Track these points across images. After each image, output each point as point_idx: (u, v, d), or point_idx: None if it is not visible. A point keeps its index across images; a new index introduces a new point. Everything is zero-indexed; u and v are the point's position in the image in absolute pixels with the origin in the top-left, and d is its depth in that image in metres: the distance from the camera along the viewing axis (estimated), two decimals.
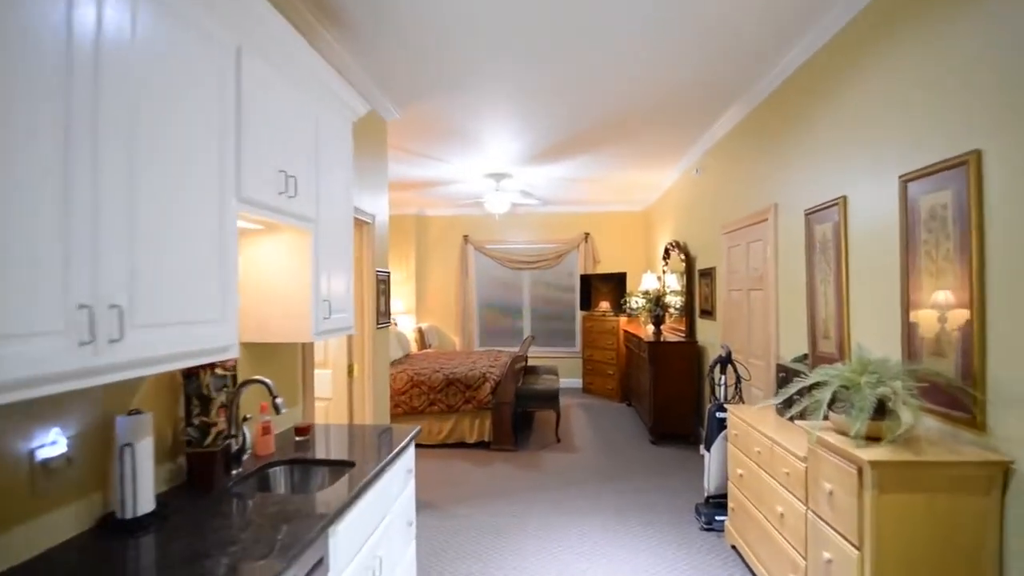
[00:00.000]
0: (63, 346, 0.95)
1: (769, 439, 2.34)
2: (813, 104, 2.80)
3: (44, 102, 0.93)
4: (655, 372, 4.90)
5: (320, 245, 2.06)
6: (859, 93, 2.38)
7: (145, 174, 1.17)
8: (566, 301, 7.96)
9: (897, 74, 2.12)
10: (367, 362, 3.43)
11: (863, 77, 2.34)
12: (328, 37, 2.76)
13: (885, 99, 2.19)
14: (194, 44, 1.35)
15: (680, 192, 5.69)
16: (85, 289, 1.00)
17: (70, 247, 0.97)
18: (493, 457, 4.55)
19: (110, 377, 1.08)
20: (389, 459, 1.96)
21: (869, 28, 2.30)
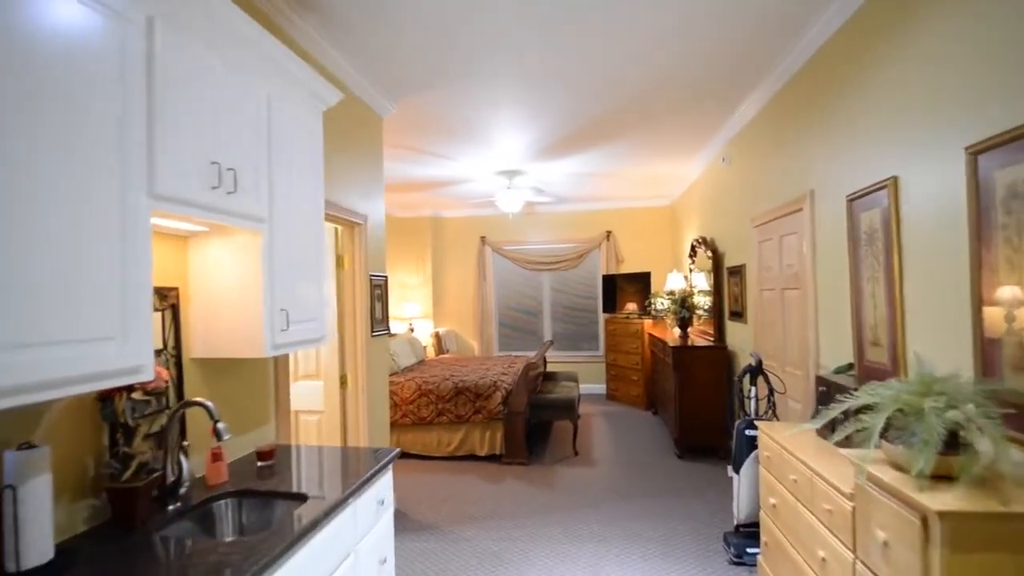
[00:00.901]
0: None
1: (808, 467, 1.96)
2: (853, 72, 2.39)
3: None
4: (680, 379, 4.50)
5: (275, 248, 1.83)
6: (910, 54, 1.98)
7: (5, 170, 0.97)
8: (588, 303, 7.60)
9: (960, 25, 1.72)
10: (360, 373, 3.21)
11: (916, 34, 1.95)
12: (304, 26, 2.55)
13: (945, 57, 1.79)
14: (82, 15, 1.13)
15: (706, 184, 5.27)
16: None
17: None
18: (504, 472, 4.26)
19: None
20: (350, 492, 1.70)
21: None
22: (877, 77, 2.22)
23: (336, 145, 2.98)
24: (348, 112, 3.11)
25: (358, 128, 3.25)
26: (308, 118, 2.08)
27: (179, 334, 1.78)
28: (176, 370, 1.76)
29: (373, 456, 2.05)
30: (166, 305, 1.73)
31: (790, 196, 3.13)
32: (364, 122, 3.33)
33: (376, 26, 2.60)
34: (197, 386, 1.86)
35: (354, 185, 3.18)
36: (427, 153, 4.78)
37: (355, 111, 3.21)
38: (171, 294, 1.75)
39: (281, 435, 2.34)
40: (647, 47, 2.84)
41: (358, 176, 3.23)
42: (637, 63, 3.04)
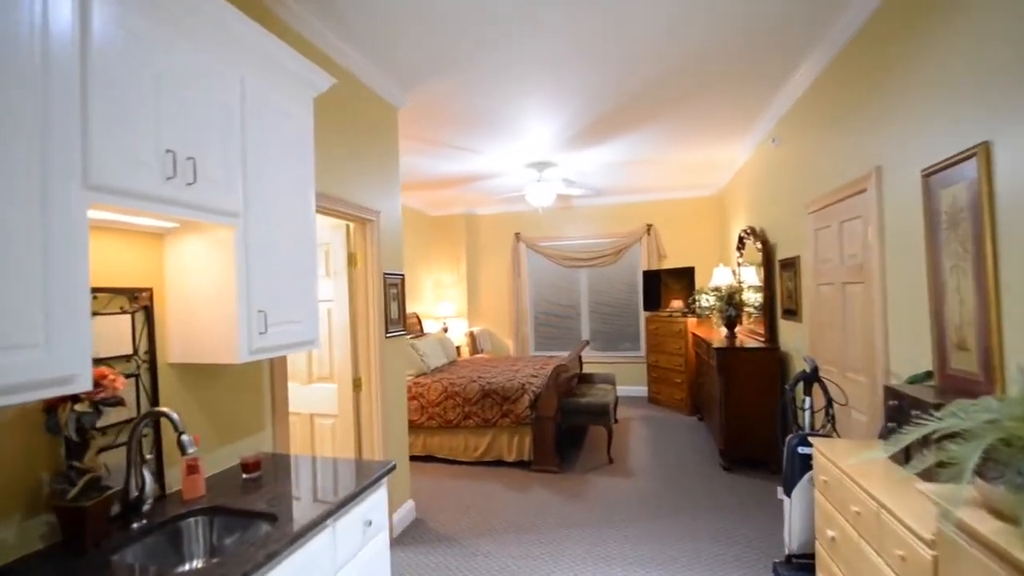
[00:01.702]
0: None
1: (874, 500, 1.61)
2: (929, 24, 1.98)
3: None
4: (726, 384, 4.10)
5: (251, 245, 1.68)
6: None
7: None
8: (628, 301, 7.21)
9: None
10: (374, 375, 3.06)
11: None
12: (303, 13, 2.42)
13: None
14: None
15: (755, 169, 4.80)
16: None
17: None
18: (531, 480, 4.02)
19: None
20: (328, 512, 1.52)
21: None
22: (960, 25, 1.81)
23: (345, 138, 2.84)
24: (357, 103, 2.97)
25: (369, 120, 3.10)
26: (294, 105, 1.93)
27: (153, 338, 1.67)
28: (150, 376, 1.65)
29: (369, 470, 1.87)
30: (137, 307, 1.62)
31: (851, 176, 2.70)
32: (376, 114, 3.18)
33: (379, 8, 2.42)
34: (175, 393, 1.75)
35: (365, 180, 3.04)
36: (451, 146, 4.61)
37: (365, 102, 3.06)
38: (143, 295, 1.64)
39: (279, 443, 2.21)
40: (681, 14, 2.52)
41: (370, 171, 3.09)
42: (670, 34, 2.71)
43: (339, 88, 2.79)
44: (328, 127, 2.69)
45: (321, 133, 2.62)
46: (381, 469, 1.87)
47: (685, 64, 3.10)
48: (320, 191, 2.59)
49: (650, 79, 3.30)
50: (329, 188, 2.67)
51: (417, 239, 7.15)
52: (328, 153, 2.68)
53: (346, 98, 2.86)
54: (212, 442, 1.88)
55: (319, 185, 2.58)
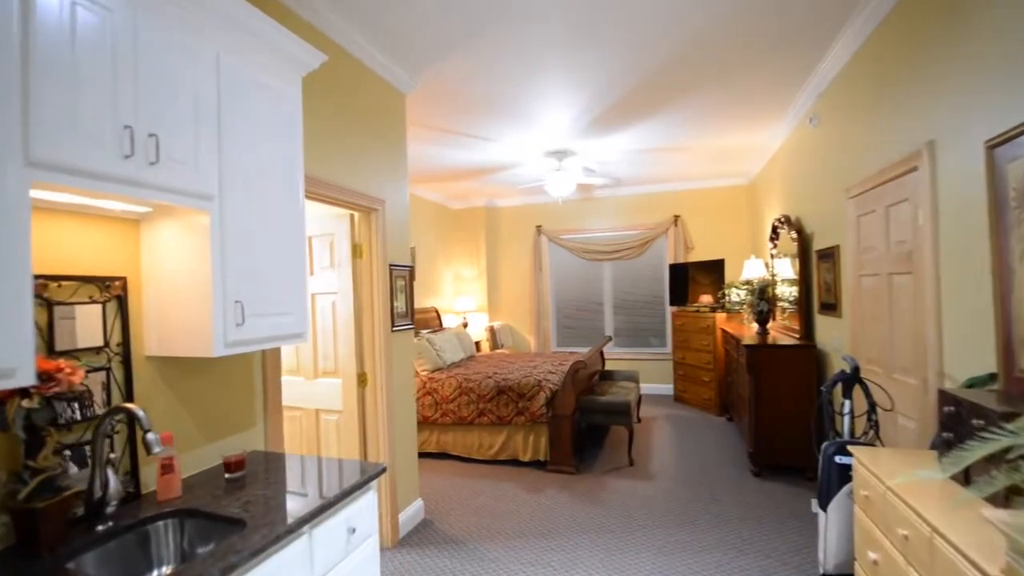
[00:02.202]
0: None
1: (926, 523, 1.38)
2: None
3: None
4: (756, 384, 3.82)
5: (228, 230, 1.57)
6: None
7: None
8: (654, 295, 6.93)
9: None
10: (379, 370, 2.95)
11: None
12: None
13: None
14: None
15: (790, 153, 4.46)
16: None
17: None
18: (547, 481, 3.85)
19: None
20: (302, 519, 1.40)
21: None
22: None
23: (346, 125, 2.73)
24: (361, 88, 2.85)
25: (374, 105, 2.98)
26: (279, 83, 1.80)
27: (127, 329, 1.58)
28: (123, 370, 1.56)
29: (359, 472, 1.75)
30: (108, 296, 1.53)
31: (899, 154, 2.41)
32: (381, 98, 3.05)
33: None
34: (154, 388, 1.66)
35: (369, 168, 2.92)
36: (465, 135, 4.46)
37: (369, 86, 2.94)
38: (115, 284, 1.55)
39: (272, 441, 2.12)
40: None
41: (374, 158, 2.97)
42: (694, 5, 2.48)
43: (341, 72, 2.68)
44: (328, 112, 2.58)
45: (320, 119, 2.51)
46: (370, 472, 1.74)
47: (713, 37, 2.85)
48: (320, 178, 2.49)
49: (674, 56, 3.06)
50: (329, 175, 2.57)
51: (438, 233, 7.05)
52: (328, 140, 2.57)
53: (349, 82, 2.75)
54: (196, 439, 1.80)
55: (318, 172, 2.48)
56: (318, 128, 2.51)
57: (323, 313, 3.03)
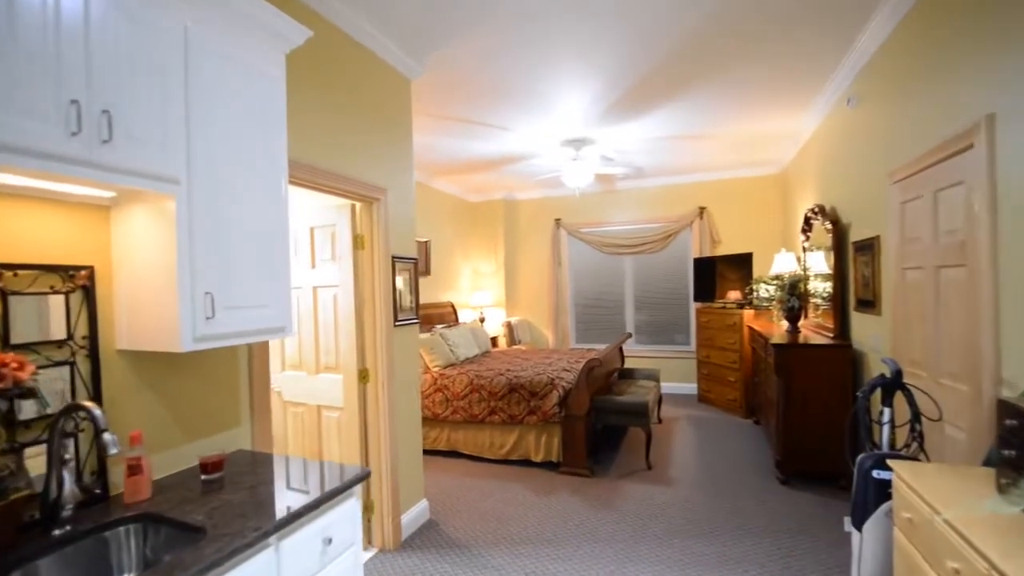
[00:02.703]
0: None
1: (986, 561, 1.16)
2: None
3: None
4: (785, 386, 3.57)
5: (198, 216, 1.46)
6: None
7: None
8: (677, 291, 6.66)
9: None
10: (381, 366, 2.84)
11: None
12: None
13: None
14: None
15: (825, 138, 4.15)
16: None
17: None
18: (559, 484, 3.69)
19: None
20: (267, 531, 1.28)
21: None
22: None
23: (347, 111, 2.61)
24: (362, 72, 2.73)
25: (376, 91, 2.85)
26: (260, 60, 1.68)
27: (95, 321, 1.49)
28: (90, 364, 1.48)
29: (341, 477, 1.63)
30: (72, 287, 1.44)
31: (951, 131, 2.14)
32: (384, 83, 2.92)
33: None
34: (126, 383, 1.57)
35: (371, 156, 2.80)
36: (479, 124, 4.30)
37: (371, 70, 2.81)
38: (80, 274, 1.46)
39: (259, 440, 2.02)
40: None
41: (376, 146, 2.85)
42: None
43: (342, 56, 2.56)
44: (327, 98, 2.46)
45: (318, 105, 2.40)
46: (350, 477, 1.62)
47: (740, 10, 2.61)
48: (317, 166, 2.38)
49: (696, 32, 2.83)
50: (327, 163, 2.45)
51: (455, 226, 6.94)
52: (326, 126, 2.46)
53: (350, 67, 2.63)
54: (175, 438, 1.71)
55: (316, 160, 2.37)
56: (315, 114, 2.40)
57: (324, 307, 2.93)
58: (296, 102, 2.25)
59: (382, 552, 2.81)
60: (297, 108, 2.26)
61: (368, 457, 2.86)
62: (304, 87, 2.32)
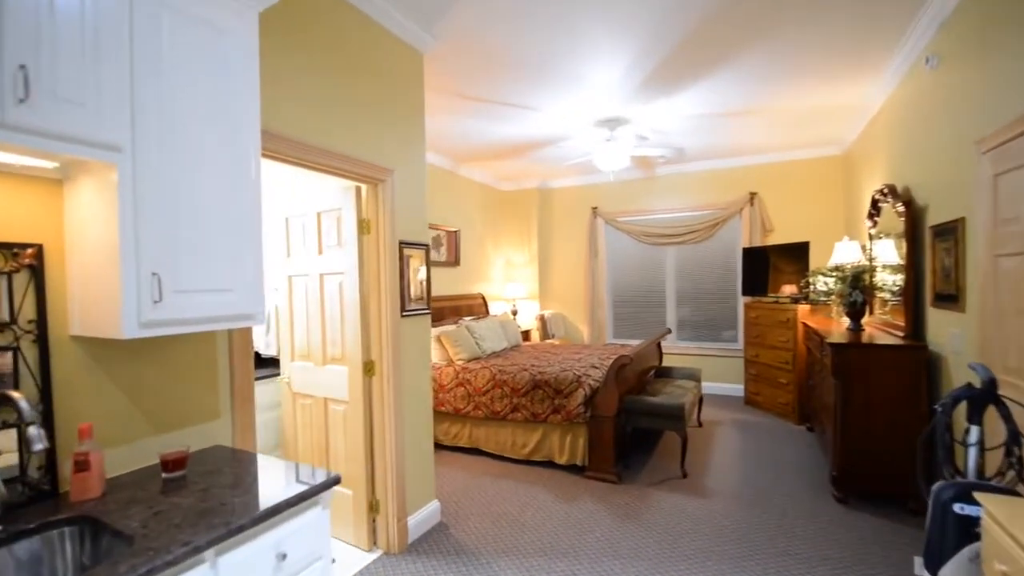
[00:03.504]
0: None
1: None
2: None
3: None
4: (844, 391, 3.13)
5: (144, 188, 1.31)
6: None
7: None
8: (724, 284, 6.17)
9: None
10: (386, 359, 2.67)
11: None
12: None
13: None
14: None
15: (898, 108, 3.61)
16: None
17: None
18: (583, 489, 3.42)
19: None
20: (198, 546, 1.11)
21: None
22: None
23: (350, 86, 2.44)
24: (363, 42, 2.54)
25: (380, 63, 2.66)
26: (222, 16, 1.51)
27: (43, 304, 1.38)
28: (38, 350, 1.36)
29: (311, 480, 1.46)
30: (16, 266, 1.33)
31: None
32: (390, 56, 2.73)
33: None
34: (81, 371, 1.46)
35: (376, 135, 2.62)
36: (500, 103, 4.05)
37: (375, 41, 2.63)
38: (25, 252, 1.34)
39: (240, 436, 1.89)
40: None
41: (380, 123, 2.66)
42: None
43: (345, 28, 2.38)
44: (327, 72, 2.29)
45: (317, 79, 2.23)
46: (312, 485, 1.44)
47: None
48: (314, 145, 2.22)
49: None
50: (322, 140, 2.29)
51: (486, 216, 6.74)
52: (320, 100, 2.29)
53: (354, 39, 2.45)
54: (139, 431, 1.59)
55: (312, 138, 2.21)
56: (308, 87, 2.24)
57: (331, 295, 2.80)
58: (285, 73, 2.09)
59: (387, 555, 2.66)
60: (286, 80, 2.10)
61: (373, 454, 2.71)
62: (295, 59, 2.16)
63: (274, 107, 2.04)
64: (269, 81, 2.01)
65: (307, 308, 2.93)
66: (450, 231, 5.94)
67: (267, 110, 2.00)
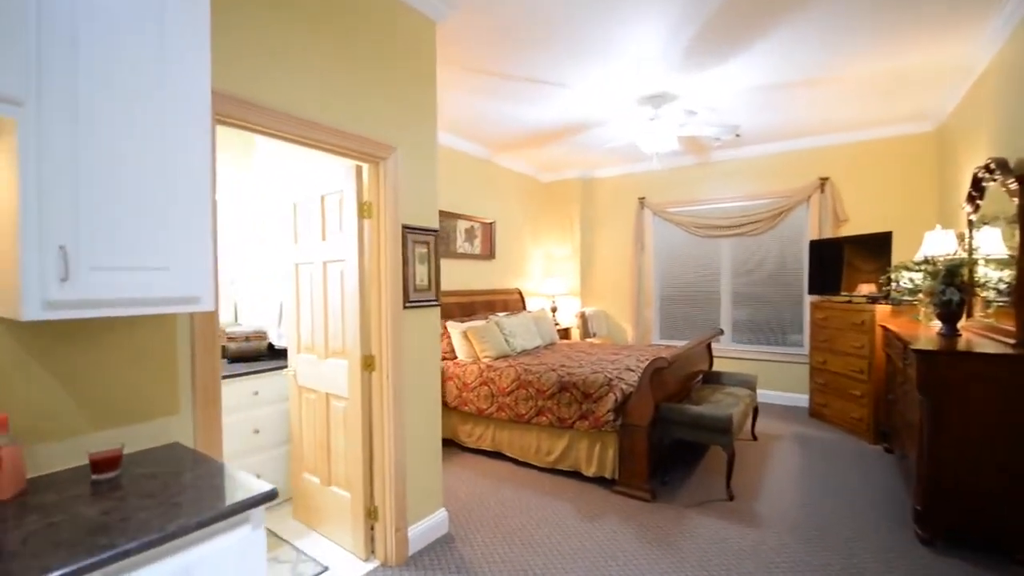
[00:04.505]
0: None
1: None
2: None
3: None
4: (934, 409, 2.57)
5: (49, 147, 1.14)
6: None
7: None
8: (786, 280, 5.52)
9: None
10: (387, 353, 2.46)
11: None
12: None
13: None
14: None
15: (1010, 67, 2.95)
16: None
17: None
18: (610, 505, 3.05)
19: None
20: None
21: None
22: None
23: (345, 51, 2.23)
24: (368, 6, 2.32)
25: (385, 32, 2.44)
26: None
27: None
28: None
29: (249, 492, 1.24)
30: None
31: None
32: (398, 25, 2.50)
33: None
34: (7, 357, 1.31)
35: (375, 108, 2.40)
36: (528, 80, 3.73)
37: (381, 6, 2.40)
38: None
39: (203, 435, 1.71)
40: None
41: (385, 97, 2.44)
42: None
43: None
44: (322, 39, 2.09)
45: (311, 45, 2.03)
46: (252, 493, 1.21)
47: None
48: (295, 115, 2.02)
49: None
50: (315, 113, 2.09)
51: (525, 208, 6.46)
52: (313, 67, 2.09)
53: (356, 5, 2.24)
54: (76, 425, 1.44)
55: (295, 108, 2.01)
56: (305, 54, 2.05)
57: (333, 284, 2.62)
58: (273, 38, 1.90)
59: (384, 567, 2.44)
60: (273, 46, 1.91)
61: (372, 457, 2.51)
62: (283, 19, 1.97)
63: (257, 74, 1.86)
64: (253, 44, 1.83)
65: (312, 298, 2.77)
66: (485, 223, 5.70)
67: (247, 76, 1.82)
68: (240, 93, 1.82)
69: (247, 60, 1.85)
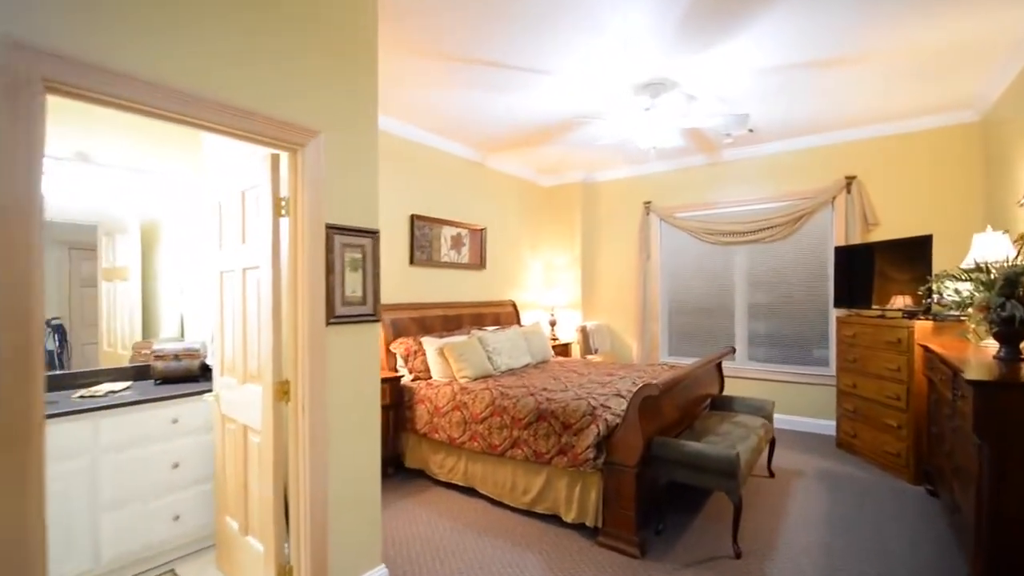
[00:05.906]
0: None
1: None
2: None
3: None
4: (997, 453, 2.00)
5: None
6: None
7: None
8: (809, 291, 4.93)
9: None
10: (303, 381, 2.03)
11: None
12: None
13: None
14: None
15: None
16: None
17: None
18: (591, 562, 2.54)
19: None
20: None
21: None
22: None
23: (250, 14, 1.84)
24: None
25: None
26: None
27: None
28: None
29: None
30: None
31: None
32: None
33: None
34: None
35: (289, 84, 2.00)
36: (504, 66, 3.31)
37: None
38: None
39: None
40: None
41: (303, 71, 2.04)
42: None
43: None
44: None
45: None
46: None
47: None
48: (173, 85, 1.63)
49: None
50: (200, 85, 1.69)
51: (522, 214, 6.02)
52: (205, 30, 1.70)
53: None
54: None
55: (171, 78, 1.60)
56: (194, 14, 1.67)
57: (252, 295, 2.21)
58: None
59: None
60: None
61: (287, 503, 2.07)
62: None
63: (113, 27, 1.47)
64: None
65: (233, 311, 2.37)
66: (475, 229, 5.28)
67: (97, 31, 1.41)
68: (87, 56, 1.44)
69: (98, 15, 1.46)
